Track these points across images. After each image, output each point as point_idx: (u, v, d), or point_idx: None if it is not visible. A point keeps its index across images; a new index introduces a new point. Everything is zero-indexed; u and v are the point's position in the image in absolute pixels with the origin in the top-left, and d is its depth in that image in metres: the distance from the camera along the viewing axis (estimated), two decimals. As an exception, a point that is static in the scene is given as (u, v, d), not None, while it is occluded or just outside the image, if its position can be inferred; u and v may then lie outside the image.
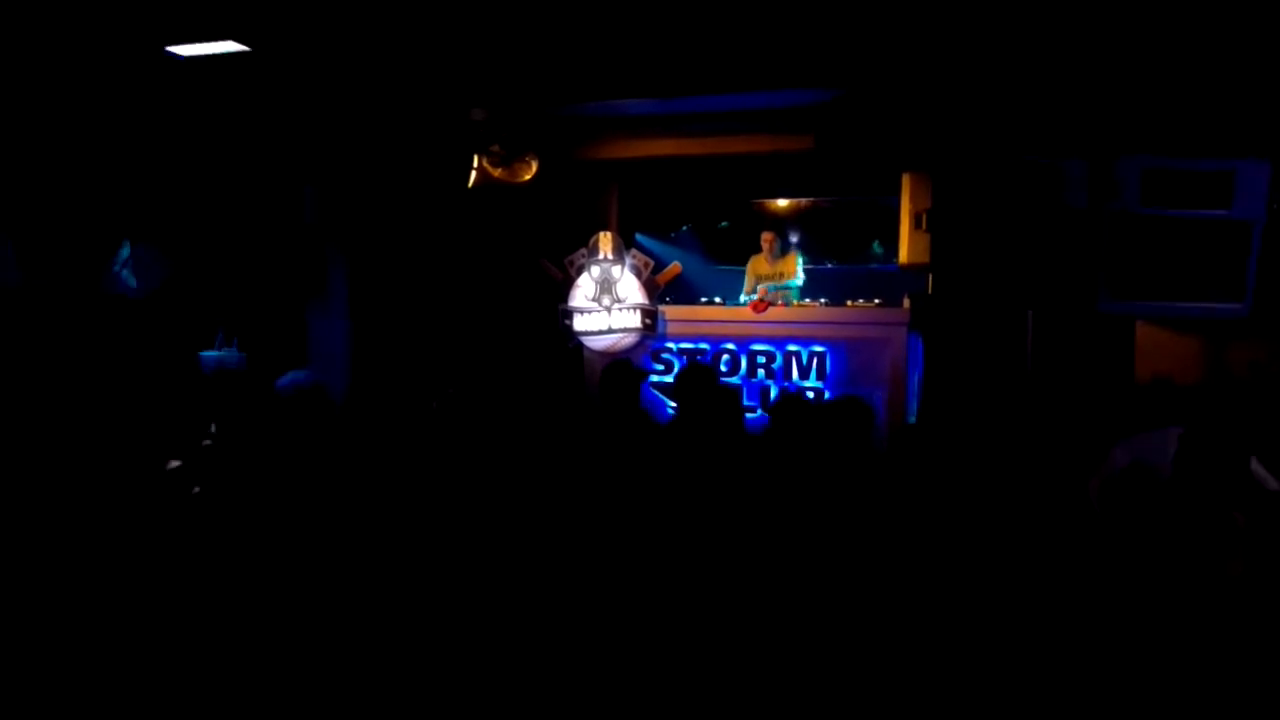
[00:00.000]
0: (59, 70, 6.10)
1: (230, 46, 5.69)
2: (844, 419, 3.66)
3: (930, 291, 6.86)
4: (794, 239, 9.54)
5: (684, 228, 10.14)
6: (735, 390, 4.79)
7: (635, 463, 3.68)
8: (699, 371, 4.44)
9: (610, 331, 7.29)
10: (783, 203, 9.59)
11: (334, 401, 4.14)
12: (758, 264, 7.91)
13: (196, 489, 3.58)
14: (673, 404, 4.19)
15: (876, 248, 10.01)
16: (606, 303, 7.28)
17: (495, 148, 7.28)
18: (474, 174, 7.30)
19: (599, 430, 4.26)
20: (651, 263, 7.44)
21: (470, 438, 4.14)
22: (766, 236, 7.94)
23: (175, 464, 3.66)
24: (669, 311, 7.34)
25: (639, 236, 8.84)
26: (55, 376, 6.16)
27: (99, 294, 7.01)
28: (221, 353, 4.15)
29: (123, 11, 5.22)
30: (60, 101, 6.52)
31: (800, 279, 7.73)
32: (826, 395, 6.79)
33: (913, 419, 6.55)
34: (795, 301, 7.50)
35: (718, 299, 8.05)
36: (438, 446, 4.00)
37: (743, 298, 7.71)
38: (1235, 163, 5.04)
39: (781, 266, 7.76)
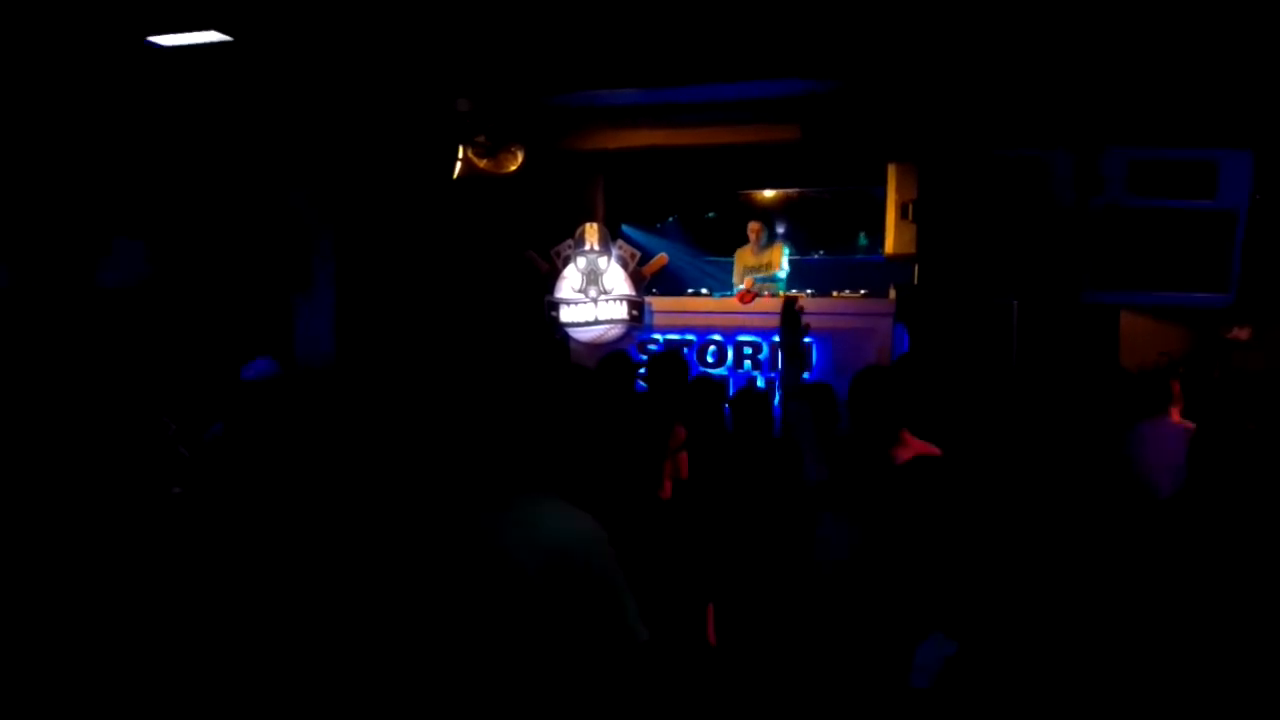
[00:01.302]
0: (41, 63, 6.04)
1: (212, 36, 5.65)
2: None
3: (916, 282, 6.88)
4: (781, 230, 9.55)
5: (670, 219, 10.14)
6: (716, 381, 4.79)
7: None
8: (671, 359, 4.44)
9: (597, 323, 7.27)
10: (769, 193, 9.59)
11: (304, 388, 4.12)
12: (744, 254, 7.92)
13: (176, 489, 3.56)
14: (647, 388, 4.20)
15: (863, 239, 10.04)
16: (593, 294, 7.27)
17: (480, 138, 7.25)
18: (459, 165, 7.27)
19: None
20: (638, 254, 7.42)
21: (458, 430, 4.13)
22: (753, 226, 7.94)
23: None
24: (656, 303, 7.33)
25: (625, 227, 8.82)
26: (44, 375, 6.12)
27: (86, 291, 6.96)
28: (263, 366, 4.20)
29: (105, 1, 5.17)
30: (43, 96, 6.46)
31: (785, 271, 7.74)
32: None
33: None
34: (781, 293, 7.51)
35: (704, 290, 8.05)
36: (425, 438, 3.98)
37: (734, 289, 7.73)
38: (1218, 152, 5.07)
39: (767, 257, 7.77)
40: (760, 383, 6.90)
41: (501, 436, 2.33)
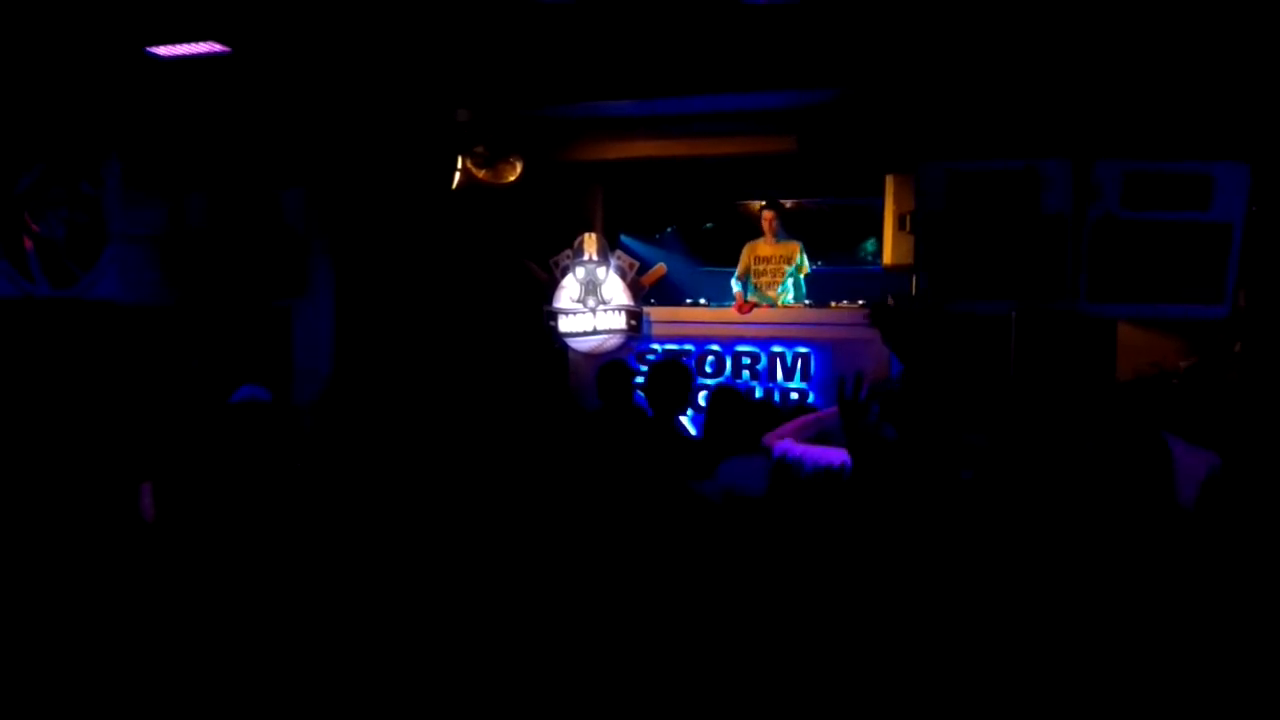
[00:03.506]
0: (40, 71, 6.05)
1: (212, 48, 5.67)
2: None
3: (914, 293, 6.88)
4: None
5: (669, 229, 10.14)
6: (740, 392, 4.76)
7: (631, 459, 3.69)
8: (671, 368, 4.43)
9: (595, 333, 7.28)
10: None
11: (291, 415, 4.14)
12: (758, 246, 7.69)
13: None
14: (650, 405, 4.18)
15: (861, 249, 10.04)
16: (591, 304, 7.28)
17: (479, 149, 7.27)
18: (458, 175, 7.28)
19: (596, 429, 4.25)
20: (636, 264, 7.44)
21: (456, 438, 4.13)
22: (767, 215, 7.71)
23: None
24: (654, 313, 7.34)
25: (624, 238, 8.83)
26: (44, 385, 6.12)
27: (85, 297, 6.95)
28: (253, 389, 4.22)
29: (105, 12, 5.20)
30: (44, 101, 6.47)
31: (807, 267, 7.62)
32: (811, 397, 6.81)
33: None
34: (795, 304, 7.44)
35: (703, 300, 8.05)
36: (423, 447, 3.99)
37: (735, 284, 7.64)
38: (1214, 165, 5.09)
39: (785, 249, 7.60)
40: (758, 392, 6.91)
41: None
